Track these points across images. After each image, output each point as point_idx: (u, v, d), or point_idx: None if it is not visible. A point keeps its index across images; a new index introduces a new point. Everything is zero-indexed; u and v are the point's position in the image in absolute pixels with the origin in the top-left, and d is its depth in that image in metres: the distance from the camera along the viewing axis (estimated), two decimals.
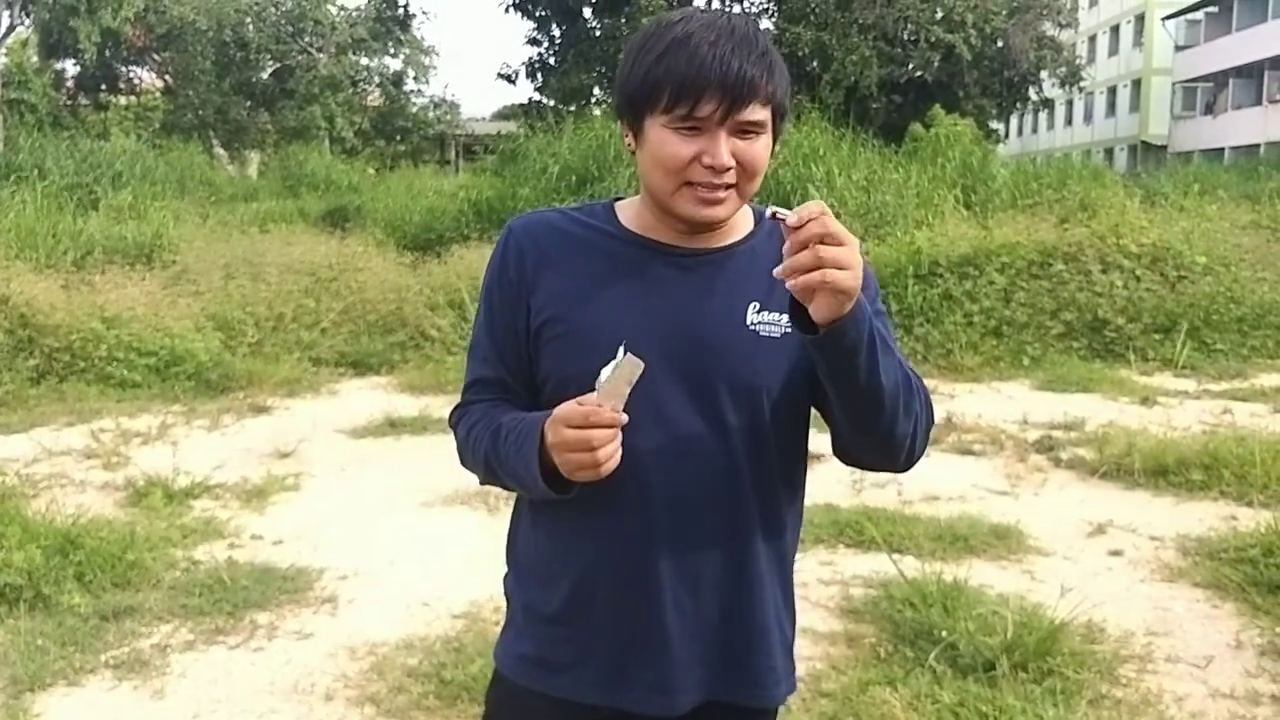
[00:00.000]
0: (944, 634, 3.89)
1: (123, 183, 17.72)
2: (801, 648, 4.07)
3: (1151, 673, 3.82)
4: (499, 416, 1.61)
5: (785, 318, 1.51)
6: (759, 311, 1.56)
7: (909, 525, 5.29)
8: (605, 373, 1.41)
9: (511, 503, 1.76)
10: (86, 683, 3.84)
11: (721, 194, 1.50)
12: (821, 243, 1.30)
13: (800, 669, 3.84)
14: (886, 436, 1.49)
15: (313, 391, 9.14)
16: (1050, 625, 3.86)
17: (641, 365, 1.40)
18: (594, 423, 1.39)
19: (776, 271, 1.33)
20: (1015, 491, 6.11)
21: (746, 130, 1.48)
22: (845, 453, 1.57)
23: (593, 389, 1.43)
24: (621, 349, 1.43)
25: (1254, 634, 4.11)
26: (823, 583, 4.67)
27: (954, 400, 8.42)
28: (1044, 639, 3.77)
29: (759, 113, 1.48)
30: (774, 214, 1.36)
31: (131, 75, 41.06)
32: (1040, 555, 5.07)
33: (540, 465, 1.47)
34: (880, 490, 5.97)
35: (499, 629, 1.77)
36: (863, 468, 1.63)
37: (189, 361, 9.15)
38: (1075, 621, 4.00)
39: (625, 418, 1.41)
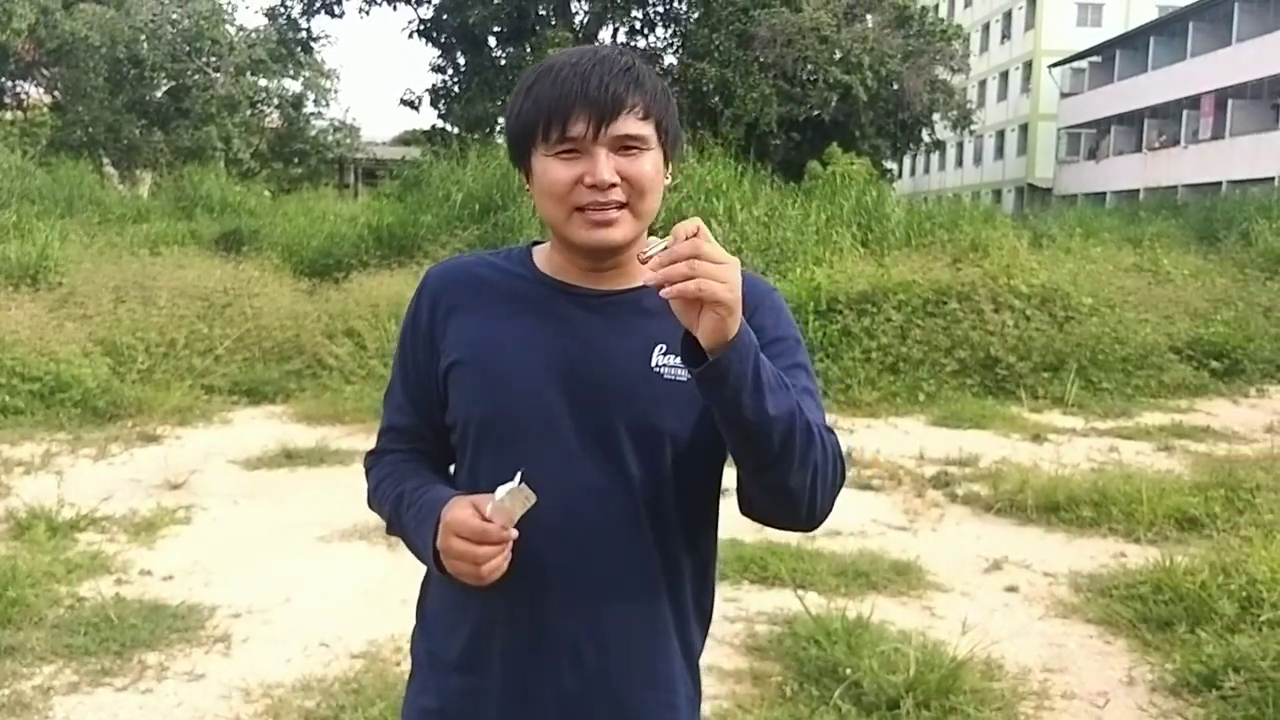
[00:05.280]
0: (848, 672, 3.92)
1: (5, 200, 17.10)
2: (708, 685, 4.05)
3: (1049, 709, 3.90)
4: (406, 478, 1.62)
5: None
6: (665, 354, 1.52)
7: (812, 561, 5.32)
8: (500, 492, 1.41)
9: None
10: None
11: (612, 214, 1.48)
12: (697, 259, 1.29)
13: (706, 708, 3.85)
14: (781, 484, 1.44)
15: (205, 420, 8.88)
16: (951, 663, 3.92)
17: (533, 499, 1.40)
18: (483, 540, 1.41)
19: (647, 278, 1.32)
20: (914, 527, 6.20)
21: (628, 146, 1.48)
22: (747, 504, 1.53)
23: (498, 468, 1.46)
24: (517, 477, 1.41)
25: (1145, 670, 4.22)
26: (728, 619, 4.67)
27: (853, 435, 8.54)
28: (945, 676, 3.82)
29: (636, 126, 1.48)
30: (641, 257, 1.36)
31: (18, 90, 39.71)
32: (939, 591, 5.15)
33: (435, 551, 1.48)
34: None
35: (399, 669, 1.73)
36: (766, 523, 1.57)
37: (75, 388, 8.82)
38: (975, 659, 4.07)
39: (515, 533, 1.42)
